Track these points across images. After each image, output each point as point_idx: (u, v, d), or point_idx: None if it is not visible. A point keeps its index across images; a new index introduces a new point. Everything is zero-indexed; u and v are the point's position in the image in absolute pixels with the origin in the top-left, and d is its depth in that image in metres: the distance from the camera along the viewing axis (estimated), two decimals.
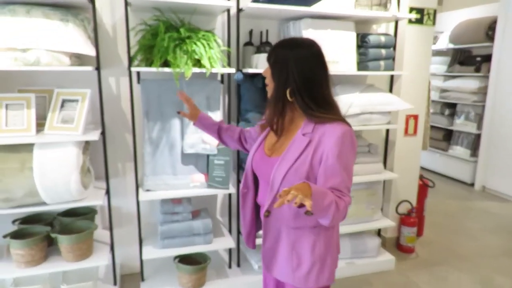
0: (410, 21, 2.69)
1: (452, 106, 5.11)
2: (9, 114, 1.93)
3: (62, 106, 2.01)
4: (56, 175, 1.87)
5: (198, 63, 2.04)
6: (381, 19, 2.50)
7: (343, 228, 2.48)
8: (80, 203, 2.01)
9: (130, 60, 2.04)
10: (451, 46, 5.08)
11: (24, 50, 1.82)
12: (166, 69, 1.98)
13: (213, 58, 2.02)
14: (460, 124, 4.91)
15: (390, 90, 2.67)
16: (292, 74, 1.17)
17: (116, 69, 2.28)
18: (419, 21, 2.71)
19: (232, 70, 2.12)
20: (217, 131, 1.61)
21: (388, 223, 2.69)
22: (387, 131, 2.78)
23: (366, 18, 2.39)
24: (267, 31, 2.43)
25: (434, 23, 2.75)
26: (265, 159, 1.31)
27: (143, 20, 2.12)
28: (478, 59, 4.68)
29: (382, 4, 2.43)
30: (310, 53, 1.19)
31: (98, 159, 2.29)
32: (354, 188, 2.57)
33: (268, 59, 1.25)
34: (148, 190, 2.19)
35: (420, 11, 2.68)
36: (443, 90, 5.13)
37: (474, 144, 4.75)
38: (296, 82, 1.17)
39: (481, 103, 4.63)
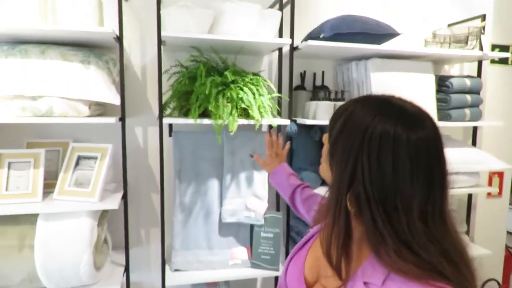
0: (492, 61, 2.24)
1: None
2: (11, 175, 1.56)
3: (77, 164, 1.64)
4: (62, 256, 1.46)
5: (243, 112, 1.65)
6: (457, 58, 2.07)
7: None
8: None
9: (162, 108, 1.66)
10: None
11: (34, 98, 1.48)
12: (206, 121, 1.58)
13: (264, 107, 1.62)
14: None
15: (473, 143, 2.18)
16: (361, 165, 0.61)
17: (144, 118, 1.91)
18: (503, 60, 2.26)
19: (287, 122, 1.71)
20: (291, 196, 1.22)
21: None
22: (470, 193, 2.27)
23: (446, 57, 1.97)
24: (323, 72, 2.04)
25: None
26: (301, 285, 0.79)
27: (178, 61, 1.77)
28: None
29: (462, 40, 2.01)
30: (426, 136, 0.61)
31: (117, 224, 1.87)
32: None
33: (332, 124, 0.71)
34: (177, 270, 1.73)
35: (504, 48, 2.24)
36: None
37: None
38: (364, 183, 0.61)
39: None
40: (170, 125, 1.85)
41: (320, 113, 1.74)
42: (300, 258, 0.83)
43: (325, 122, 1.74)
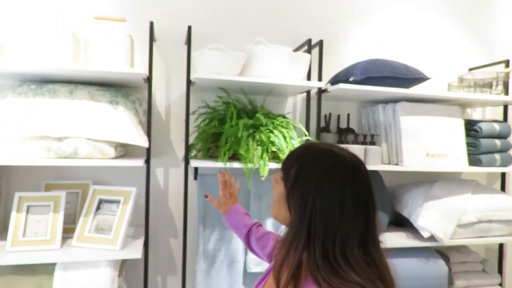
0: None
1: None
2: (29, 220, 1.47)
3: (98, 208, 1.56)
4: None
5: (273, 155, 1.59)
6: (481, 102, 2.05)
7: None
8: None
9: (188, 150, 1.61)
10: None
11: (60, 139, 1.42)
12: (236, 165, 1.52)
13: None
14: None
15: (502, 189, 2.12)
16: (315, 208, 0.73)
17: (166, 159, 1.85)
18: None
19: None
20: (246, 235, 1.24)
21: None
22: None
23: (471, 101, 1.95)
24: (348, 115, 2.01)
25: None
26: None
27: (204, 102, 1.74)
28: None
29: (486, 84, 2.00)
30: (362, 179, 0.77)
31: (135, 271, 1.76)
32: None
33: (287, 170, 0.81)
34: None
35: None
36: None
37: None
38: (316, 222, 0.73)
39: None
40: (196, 168, 1.79)
41: None
42: None
43: None
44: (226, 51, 1.51)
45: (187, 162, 1.59)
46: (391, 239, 1.77)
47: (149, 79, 1.57)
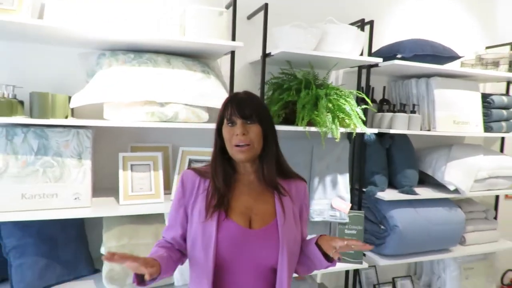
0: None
1: None
2: (134, 177, 1.64)
3: (189, 167, 1.74)
4: None
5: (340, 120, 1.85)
6: (488, 78, 2.43)
7: None
8: None
9: None
10: None
11: (162, 104, 1.58)
12: (313, 129, 1.76)
13: (359, 117, 1.83)
14: None
15: (501, 150, 2.55)
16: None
17: None
18: None
19: (375, 130, 1.93)
20: (176, 260, 1.13)
21: None
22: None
23: (484, 77, 2.31)
24: (384, 87, 2.30)
25: None
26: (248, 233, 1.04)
27: (271, 73, 1.94)
28: None
29: (494, 63, 2.37)
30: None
31: None
32: (472, 259, 2.36)
33: (266, 115, 1.14)
34: None
35: None
36: None
37: None
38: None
39: None
40: None
41: (398, 124, 1.99)
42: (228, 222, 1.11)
43: (402, 131, 2.00)
44: (306, 28, 1.71)
45: None
46: (423, 192, 2.12)
47: (232, 52, 1.74)
